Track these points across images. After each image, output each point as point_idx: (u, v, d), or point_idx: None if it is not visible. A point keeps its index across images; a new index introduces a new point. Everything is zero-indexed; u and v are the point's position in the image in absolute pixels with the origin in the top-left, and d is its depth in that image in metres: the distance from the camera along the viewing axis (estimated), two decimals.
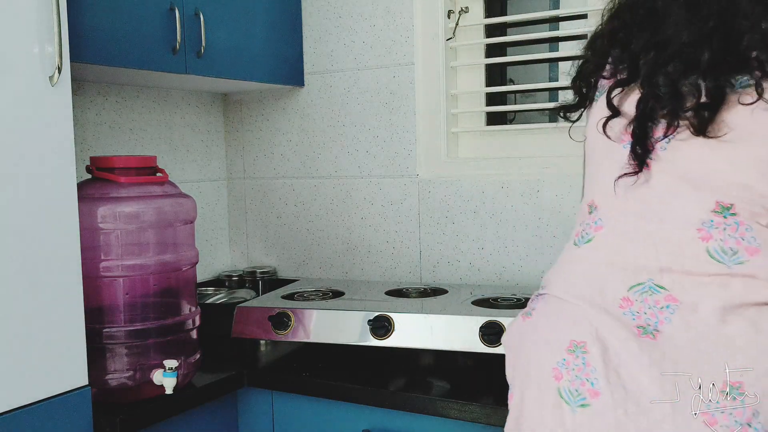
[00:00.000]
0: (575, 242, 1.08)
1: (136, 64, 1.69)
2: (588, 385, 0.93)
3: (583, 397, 0.93)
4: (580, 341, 0.96)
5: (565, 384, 0.95)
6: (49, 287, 1.28)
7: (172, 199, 1.59)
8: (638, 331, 0.93)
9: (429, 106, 2.06)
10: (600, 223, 1.03)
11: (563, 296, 1.03)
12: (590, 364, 0.94)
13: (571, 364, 0.95)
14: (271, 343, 1.88)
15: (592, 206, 1.07)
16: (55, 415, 1.29)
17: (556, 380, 0.96)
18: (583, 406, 0.93)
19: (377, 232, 2.15)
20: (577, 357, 0.95)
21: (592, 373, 0.93)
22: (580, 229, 1.08)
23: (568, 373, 0.95)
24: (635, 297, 0.95)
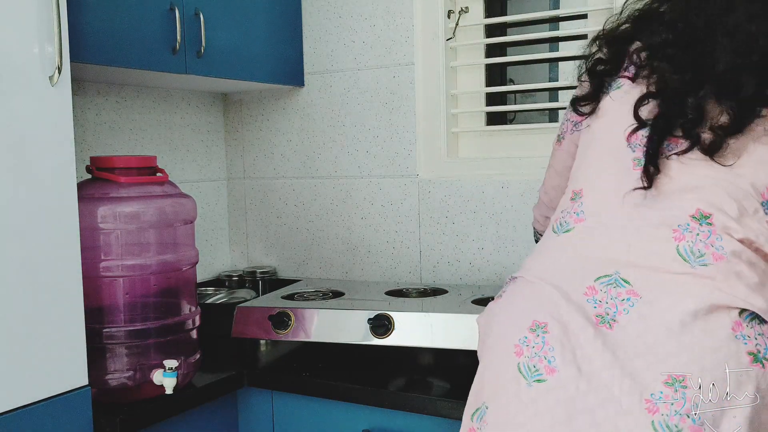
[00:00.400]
0: (554, 229, 1.12)
1: (136, 64, 1.69)
2: (545, 362, 0.98)
3: (539, 373, 0.98)
4: (542, 322, 1.01)
5: (525, 360, 1.00)
6: (49, 287, 1.28)
7: (172, 199, 1.59)
8: (597, 319, 0.98)
9: (429, 106, 2.06)
10: (582, 215, 1.08)
11: (534, 280, 1.09)
12: (549, 343, 0.99)
13: (531, 342, 1.00)
14: (271, 343, 1.88)
15: (578, 194, 1.11)
16: (55, 415, 1.29)
17: (516, 356, 1.01)
18: (539, 381, 0.98)
19: (377, 232, 2.15)
20: (537, 336, 1.00)
21: (550, 351, 0.98)
22: (560, 216, 1.12)
23: (528, 350, 1.00)
24: (600, 287, 1.00)
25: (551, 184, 1.35)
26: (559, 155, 1.30)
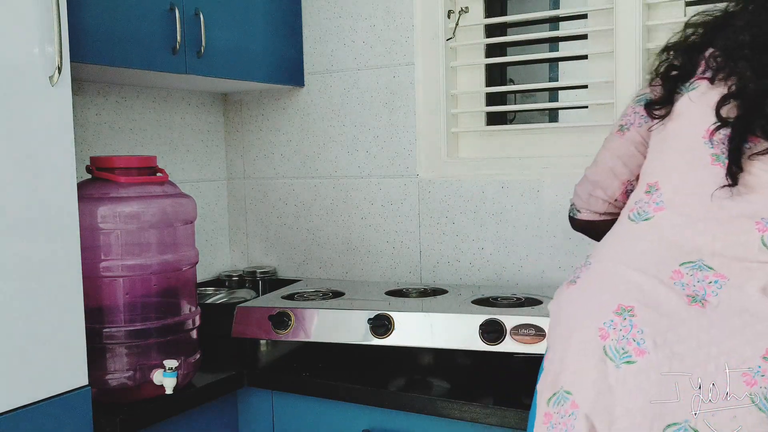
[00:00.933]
0: (630, 217, 1.15)
1: (136, 64, 1.69)
2: (634, 344, 1.00)
3: (628, 355, 0.99)
4: (628, 305, 1.03)
5: (611, 342, 1.01)
6: (49, 287, 1.28)
7: (172, 199, 1.59)
8: (688, 299, 1.00)
9: (429, 106, 2.06)
10: (662, 205, 1.11)
11: (613, 265, 1.10)
12: (637, 326, 1.00)
13: (618, 325, 1.02)
14: (271, 343, 1.88)
15: (653, 187, 1.14)
16: (55, 415, 1.29)
17: (602, 339, 1.02)
18: (628, 363, 0.99)
19: (377, 232, 2.15)
20: (624, 319, 1.02)
21: (639, 334, 1.00)
22: (634, 207, 1.15)
23: (615, 332, 1.02)
24: (685, 271, 1.03)
25: (606, 165, 1.36)
26: (620, 143, 1.32)
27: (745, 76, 1.08)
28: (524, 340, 1.51)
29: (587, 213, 1.40)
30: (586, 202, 1.40)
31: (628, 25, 1.80)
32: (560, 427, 1.04)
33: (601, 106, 1.89)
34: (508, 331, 1.52)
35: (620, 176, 1.33)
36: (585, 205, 1.40)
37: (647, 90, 1.29)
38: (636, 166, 1.30)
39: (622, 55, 1.82)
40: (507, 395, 1.49)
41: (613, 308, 1.03)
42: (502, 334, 1.52)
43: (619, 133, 1.33)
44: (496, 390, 1.53)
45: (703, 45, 1.19)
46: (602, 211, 1.38)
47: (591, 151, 1.89)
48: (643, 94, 1.30)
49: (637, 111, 1.30)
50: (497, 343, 1.52)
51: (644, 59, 1.81)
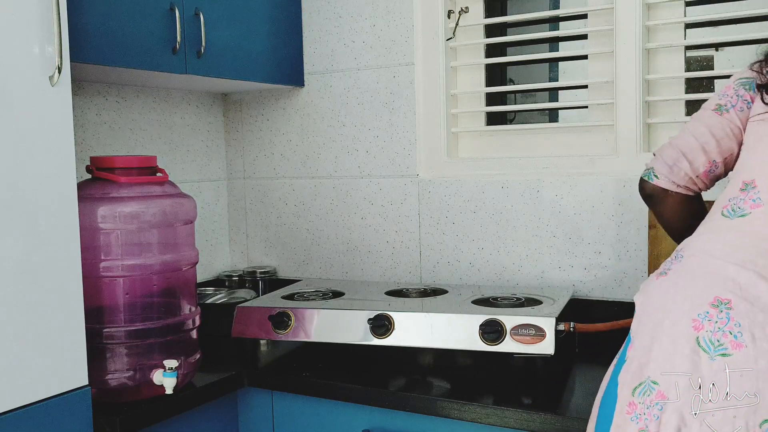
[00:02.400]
0: (723, 214, 1.14)
1: (136, 64, 1.69)
2: (731, 337, 0.99)
3: (724, 347, 0.99)
4: (725, 298, 1.02)
5: (706, 334, 1.00)
6: (49, 287, 1.28)
7: (172, 199, 1.59)
8: None
9: (429, 106, 2.06)
10: (759, 202, 1.10)
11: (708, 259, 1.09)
12: (734, 319, 0.99)
13: (714, 317, 1.01)
14: (271, 343, 1.88)
15: (750, 185, 1.13)
16: (55, 415, 1.29)
17: (695, 330, 1.01)
18: (724, 355, 0.98)
19: (377, 232, 2.15)
20: (720, 312, 1.01)
21: (736, 327, 0.99)
22: (728, 204, 1.14)
23: (710, 324, 1.01)
24: None
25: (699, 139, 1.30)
26: (717, 121, 1.28)
27: None
28: (524, 340, 1.51)
29: (666, 181, 1.32)
30: (669, 169, 1.32)
31: (628, 25, 1.80)
32: (645, 417, 1.02)
33: (601, 106, 1.89)
34: (508, 332, 1.52)
35: (709, 154, 1.28)
36: (666, 172, 1.33)
37: (751, 73, 1.25)
38: (726, 148, 1.27)
39: (622, 55, 1.82)
40: (507, 395, 1.49)
41: (710, 300, 1.02)
42: (502, 334, 1.52)
43: (716, 112, 1.28)
44: (496, 390, 1.53)
45: None
46: (682, 183, 1.32)
47: (591, 151, 1.91)
48: (747, 78, 1.26)
49: (740, 94, 1.26)
50: (497, 343, 1.52)
51: (644, 59, 1.81)
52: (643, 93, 1.81)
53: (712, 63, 2.21)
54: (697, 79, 1.89)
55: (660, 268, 1.16)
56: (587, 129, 1.92)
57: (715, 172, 1.30)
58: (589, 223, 1.85)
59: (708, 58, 2.23)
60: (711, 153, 1.28)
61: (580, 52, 2.00)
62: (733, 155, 1.28)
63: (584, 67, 1.98)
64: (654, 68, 1.84)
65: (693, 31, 1.86)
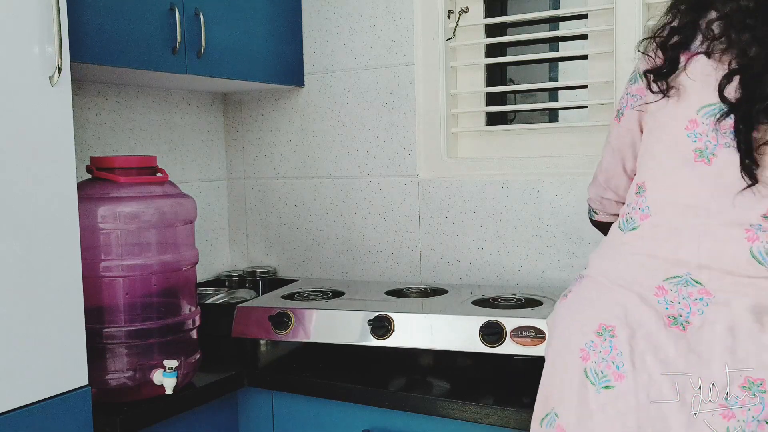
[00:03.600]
0: (620, 226, 1.09)
1: (136, 64, 1.69)
2: (613, 367, 0.96)
3: (607, 379, 0.96)
4: (609, 325, 0.98)
5: (591, 365, 0.98)
6: (49, 287, 1.28)
7: (172, 199, 1.59)
8: (669, 321, 0.95)
9: (429, 106, 2.06)
10: (647, 212, 1.04)
11: (600, 280, 1.05)
12: (617, 348, 0.96)
13: (598, 346, 0.98)
14: (271, 343, 1.88)
15: (641, 188, 1.07)
16: (55, 415, 1.29)
17: (582, 360, 0.99)
18: (607, 388, 0.95)
19: (377, 232, 2.15)
20: (605, 340, 0.98)
21: (618, 357, 0.96)
22: (626, 212, 1.09)
23: (594, 354, 0.98)
24: (670, 287, 0.97)
25: (607, 163, 1.26)
26: (619, 133, 1.20)
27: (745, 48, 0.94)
28: (524, 342, 1.51)
29: (603, 215, 1.34)
30: (601, 205, 1.33)
31: (628, 25, 1.80)
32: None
33: (601, 106, 1.89)
34: (508, 333, 1.52)
35: (626, 170, 1.21)
36: (600, 207, 1.34)
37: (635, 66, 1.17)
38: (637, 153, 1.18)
39: (622, 55, 1.82)
40: (507, 395, 1.49)
41: (595, 328, 0.99)
42: (502, 336, 1.52)
43: (616, 120, 1.21)
44: (496, 390, 1.53)
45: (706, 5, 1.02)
46: (616, 212, 1.28)
47: (591, 151, 1.90)
48: (633, 72, 1.18)
49: (630, 91, 1.17)
50: (497, 345, 1.52)
51: None
52: None
53: None
54: None
55: (567, 288, 1.13)
56: (587, 129, 1.92)
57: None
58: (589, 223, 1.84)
59: None
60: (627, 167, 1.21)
61: (580, 52, 2.00)
62: None
63: (584, 67, 1.98)
64: None
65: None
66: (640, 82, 1.12)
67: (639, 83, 1.13)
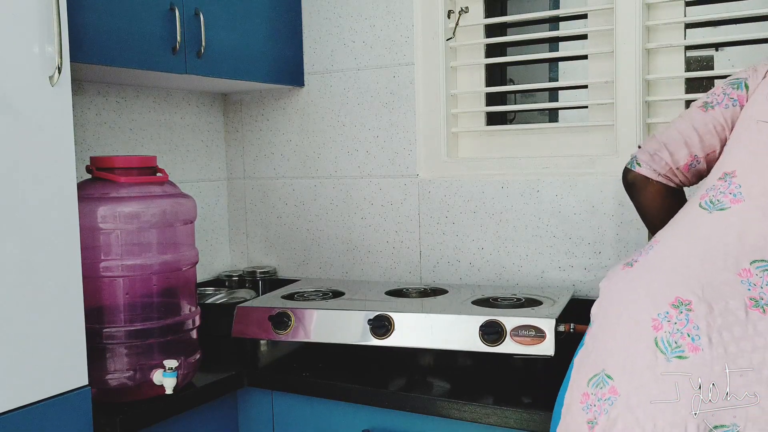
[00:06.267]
0: (701, 205, 1.11)
1: (136, 64, 1.69)
2: (688, 339, 0.97)
3: (681, 349, 0.97)
4: (686, 299, 1.00)
5: (664, 335, 0.99)
6: (49, 287, 1.28)
7: (172, 199, 1.59)
8: (750, 302, 0.97)
9: (429, 106, 2.06)
10: (739, 197, 1.08)
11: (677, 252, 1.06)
12: (693, 321, 0.98)
13: (673, 318, 0.99)
14: (271, 343, 1.88)
15: (730, 175, 1.11)
16: (55, 415, 1.29)
17: (654, 330, 1.00)
18: (680, 357, 0.97)
19: (377, 232, 2.15)
20: (680, 312, 0.99)
21: (694, 330, 0.97)
22: (707, 194, 1.12)
23: (669, 325, 0.99)
24: (755, 271, 0.99)
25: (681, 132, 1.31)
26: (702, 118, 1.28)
27: None
28: (524, 341, 1.51)
29: (647, 168, 1.33)
30: (650, 158, 1.33)
31: (628, 25, 1.80)
32: (595, 409, 1.02)
33: (601, 106, 1.89)
34: (508, 333, 1.52)
35: (691, 148, 1.29)
36: (647, 159, 1.34)
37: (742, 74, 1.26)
38: (709, 145, 1.27)
39: (622, 55, 1.82)
40: (507, 395, 1.49)
41: (670, 300, 1.01)
42: (502, 335, 1.52)
43: (702, 109, 1.29)
44: (496, 390, 1.53)
45: None
46: (662, 172, 1.32)
47: (591, 152, 1.91)
48: (737, 78, 1.27)
49: (728, 92, 1.26)
50: (497, 344, 1.52)
51: (644, 59, 1.81)
52: (643, 93, 1.81)
53: (712, 63, 2.21)
54: (697, 79, 1.88)
55: (629, 257, 1.14)
56: (587, 129, 1.92)
57: (696, 167, 1.30)
58: (589, 223, 1.85)
59: (708, 58, 2.23)
60: (693, 147, 1.29)
61: (580, 52, 2.00)
62: (716, 152, 1.27)
63: (584, 67, 1.98)
64: (654, 68, 1.84)
65: (693, 31, 1.86)
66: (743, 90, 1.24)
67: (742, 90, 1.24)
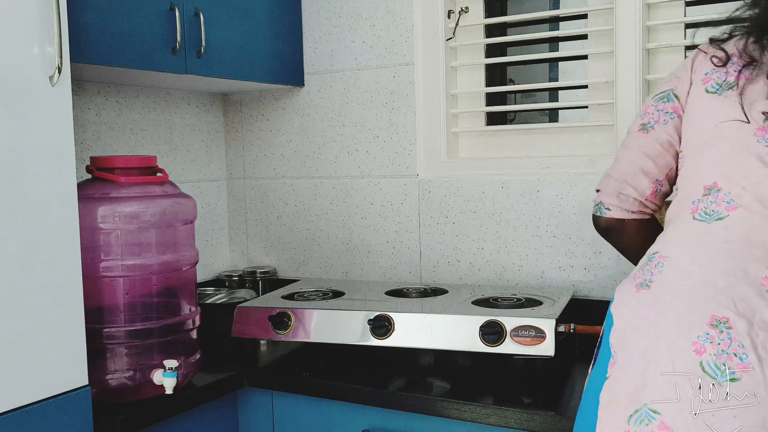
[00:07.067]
0: (696, 218, 1.08)
1: (136, 64, 1.69)
2: (736, 359, 0.93)
3: (732, 371, 0.93)
4: (723, 317, 0.96)
5: (710, 358, 0.94)
6: (49, 287, 1.28)
7: (172, 199, 1.59)
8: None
9: (429, 106, 2.06)
10: (734, 203, 1.05)
11: (690, 268, 1.03)
12: (736, 339, 0.94)
13: (715, 338, 0.95)
14: (271, 343, 1.88)
15: (713, 188, 1.08)
16: (55, 415, 1.29)
17: (697, 354, 0.95)
18: (733, 380, 0.92)
19: (377, 232, 2.15)
20: (721, 332, 0.95)
21: (740, 348, 0.93)
22: (697, 208, 1.08)
23: (712, 347, 0.94)
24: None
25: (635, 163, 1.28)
26: (646, 141, 1.26)
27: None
28: (524, 341, 1.51)
29: (618, 210, 1.29)
30: (617, 199, 1.30)
31: (628, 25, 1.80)
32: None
33: (601, 106, 1.89)
34: (508, 333, 1.52)
35: (650, 174, 1.26)
36: (615, 202, 1.30)
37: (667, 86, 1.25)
38: (665, 165, 1.25)
39: (622, 55, 1.82)
40: (507, 395, 1.49)
41: (707, 320, 0.96)
42: (502, 335, 1.52)
43: (642, 132, 1.26)
44: (496, 390, 1.53)
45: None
46: (633, 209, 1.28)
47: (591, 152, 1.90)
48: (662, 92, 1.25)
49: (660, 108, 1.24)
50: (497, 344, 1.52)
51: (644, 59, 1.81)
52: (643, 93, 1.81)
53: None
54: None
55: (637, 277, 1.09)
56: (587, 129, 1.92)
57: (661, 191, 1.28)
58: (590, 223, 1.84)
59: None
60: (652, 173, 1.26)
61: (580, 52, 1.99)
62: (673, 169, 1.25)
63: (584, 67, 1.98)
64: (654, 68, 1.83)
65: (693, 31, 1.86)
66: (675, 101, 1.23)
67: (673, 102, 1.23)
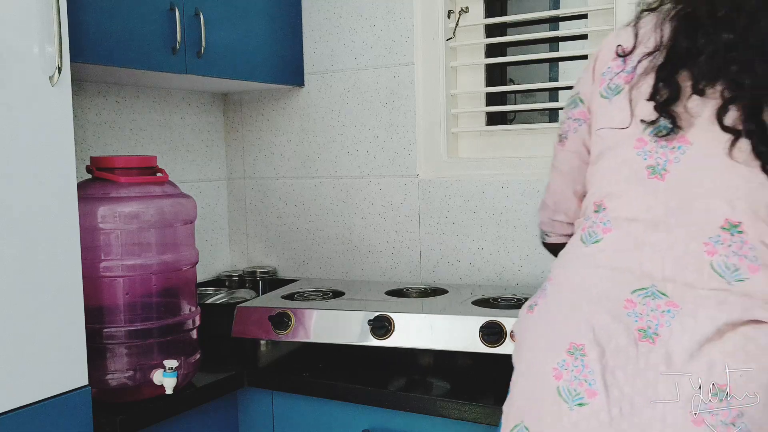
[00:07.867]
0: (582, 239, 1.09)
1: (136, 64, 1.69)
2: (586, 385, 0.97)
3: (581, 396, 0.97)
4: (579, 344, 1.00)
5: (564, 384, 0.99)
6: (49, 287, 1.28)
7: (172, 199, 1.59)
8: (639, 334, 0.96)
9: (429, 106, 2.06)
10: (609, 225, 1.05)
11: (566, 294, 1.06)
12: (588, 366, 0.98)
13: (570, 365, 0.99)
14: (271, 343, 1.88)
15: (601, 207, 1.08)
16: (55, 415, 1.29)
17: (555, 379, 1.00)
18: (581, 405, 0.97)
19: (377, 232, 2.15)
20: (576, 359, 0.99)
21: (590, 374, 0.97)
22: (587, 225, 1.09)
23: (567, 373, 0.99)
24: (638, 300, 0.98)
25: (556, 186, 1.30)
26: (564, 157, 1.25)
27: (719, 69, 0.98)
28: None
29: (555, 237, 1.34)
30: (551, 226, 1.34)
31: None
32: None
33: None
34: (508, 333, 1.52)
35: (578, 193, 1.24)
36: (551, 230, 1.35)
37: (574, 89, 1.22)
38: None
39: None
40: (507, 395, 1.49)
41: (566, 347, 1.00)
42: (502, 336, 1.52)
43: (560, 145, 1.26)
44: (496, 390, 1.53)
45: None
46: (568, 232, 1.27)
47: None
48: (571, 97, 1.22)
49: (570, 115, 1.22)
50: (497, 345, 1.52)
51: None
52: None
53: None
54: None
55: (532, 298, 1.13)
56: None
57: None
58: None
59: None
60: (578, 191, 1.24)
61: (580, 52, 2.00)
62: None
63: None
64: None
65: None
66: (581, 105, 1.19)
67: (580, 107, 1.20)
